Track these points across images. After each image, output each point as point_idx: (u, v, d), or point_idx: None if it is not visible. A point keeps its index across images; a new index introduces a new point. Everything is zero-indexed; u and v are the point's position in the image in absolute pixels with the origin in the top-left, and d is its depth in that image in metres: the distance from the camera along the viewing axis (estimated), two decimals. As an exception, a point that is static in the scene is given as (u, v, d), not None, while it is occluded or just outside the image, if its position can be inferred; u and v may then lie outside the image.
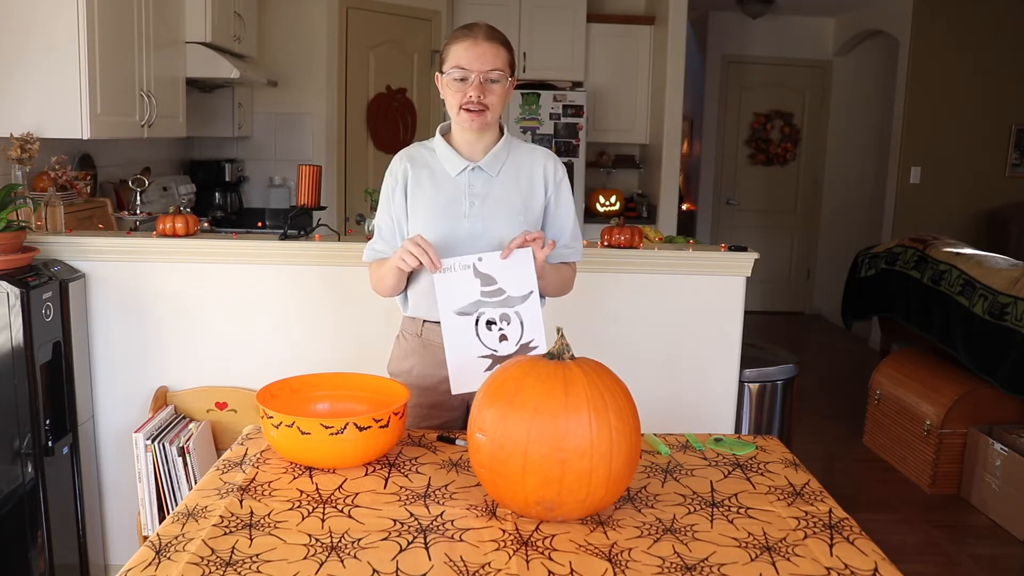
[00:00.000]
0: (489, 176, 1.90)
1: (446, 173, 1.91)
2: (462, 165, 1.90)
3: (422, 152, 1.95)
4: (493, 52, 1.83)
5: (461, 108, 1.84)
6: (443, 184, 1.90)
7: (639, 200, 5.94)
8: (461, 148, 1.92)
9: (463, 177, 1.90)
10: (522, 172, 1.93)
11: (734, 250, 2.73)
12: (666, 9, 5.44)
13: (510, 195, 1.91)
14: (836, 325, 7.09)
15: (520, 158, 1.95)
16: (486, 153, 1.91)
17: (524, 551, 1.33)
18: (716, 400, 2.79)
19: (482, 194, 1.89)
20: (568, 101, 5.56)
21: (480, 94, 1.81)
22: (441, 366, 1.94)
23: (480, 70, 1.81)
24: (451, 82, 1.84)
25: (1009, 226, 5.98)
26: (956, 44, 5.98)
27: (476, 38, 1.82)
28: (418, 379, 1.97)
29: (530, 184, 1.93)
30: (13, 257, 2.33)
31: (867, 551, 1.35)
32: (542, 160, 1.96)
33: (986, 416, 3.77)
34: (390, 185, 1.95)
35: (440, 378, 1.95)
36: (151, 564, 1.27)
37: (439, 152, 1.93)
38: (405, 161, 1.94)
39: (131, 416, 2.72)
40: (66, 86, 2.76)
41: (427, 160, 1.93)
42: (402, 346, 2.02)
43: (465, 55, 1.82)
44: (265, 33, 4.70)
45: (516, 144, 1.97)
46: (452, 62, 1.84)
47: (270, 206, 4.94)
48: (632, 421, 1.44)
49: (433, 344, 1.95)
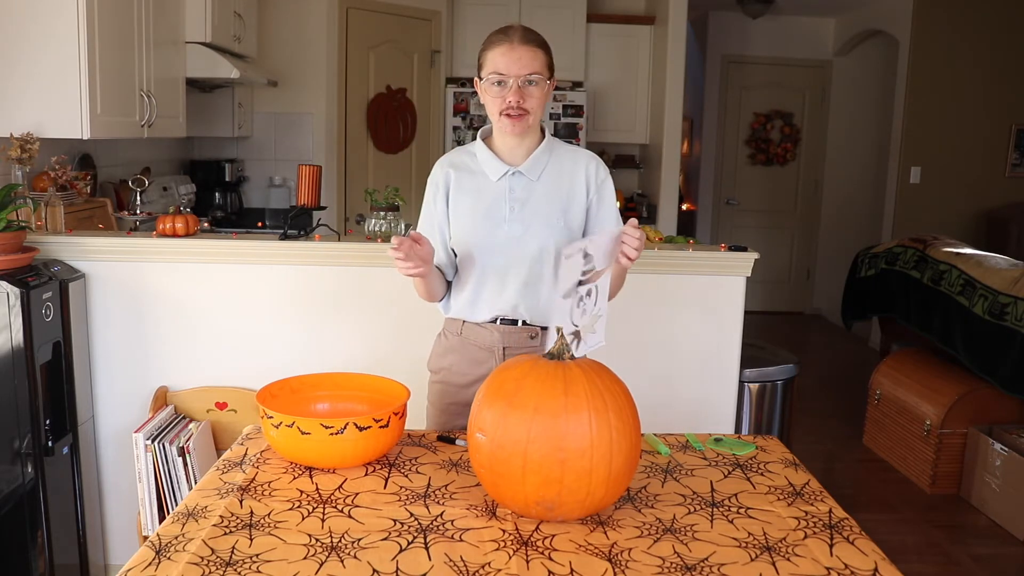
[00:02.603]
0: (530, 180, 1.90)
1: (487, 178, 1.91)
2: (503, 170, 1.89)
3: (463, 157, 1.96)
4: (530, 55, 1.81)
5: (501, 114, 1.83)
6: (484, 189, 1.90)
7: (639, 200, 5.94)
8: (502, 152, 1.91)
9: (504, 182, 1.90)
10: (563, 175, 1.92)
11: (734, 250, 2.73)
12: (666, 9, 5.44)
13: (550, 199, 1.90)
14: (836, 325, 7.09)
15: (562, 161, 1.94)
16: (527, 156, 1.90)
17: (524, 551, 1.33)
18: (716, 400, 2.79)
19: (522, 198, 1.89)
20: (568, 101, 5.56)
21: (519, 99, 1.80)
22: (478, 365, 1.96)
23: (518, 74, 1.80)
24: (489, 87, 1.82)
25: (1009, 226, 5.98)
26: (956, 44, 5.98)
27: (512, 42, 1.81)
28: (455, 376, 1.99)
29: (571, 187, 1.92)
30: (13, 257, 2.33)
31: (867, 551, 1.35)
32: (584, 162, 1.95)
33: (986, 416, 3.77)
34: (431, 193, 1.95)
35: (476, 376, 1.96)
36: (151, 564, 1.27)
37: (480, 157, 1.93)
38: (447, 168, 1.94)
39: (131, 416, 2.72)
40: (66, 86, 2.76)
41: (468, 165, 1.94)
42: (443, 343, 2.04)
43: (502, 60, 1.80)
44: (265, 33, 4.70)
45: (558, 146, 1.96)
46: (490, 67, 1.82)
47: (270, 206, 4.94)
48: (632, 421, 1.44)
49: (471, 343, 1.97)
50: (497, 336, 1.94)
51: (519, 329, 1.93)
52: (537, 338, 1.94)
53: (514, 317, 1.93)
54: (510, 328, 1.93)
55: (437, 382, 2.04)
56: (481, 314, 1.94)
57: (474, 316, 1.95)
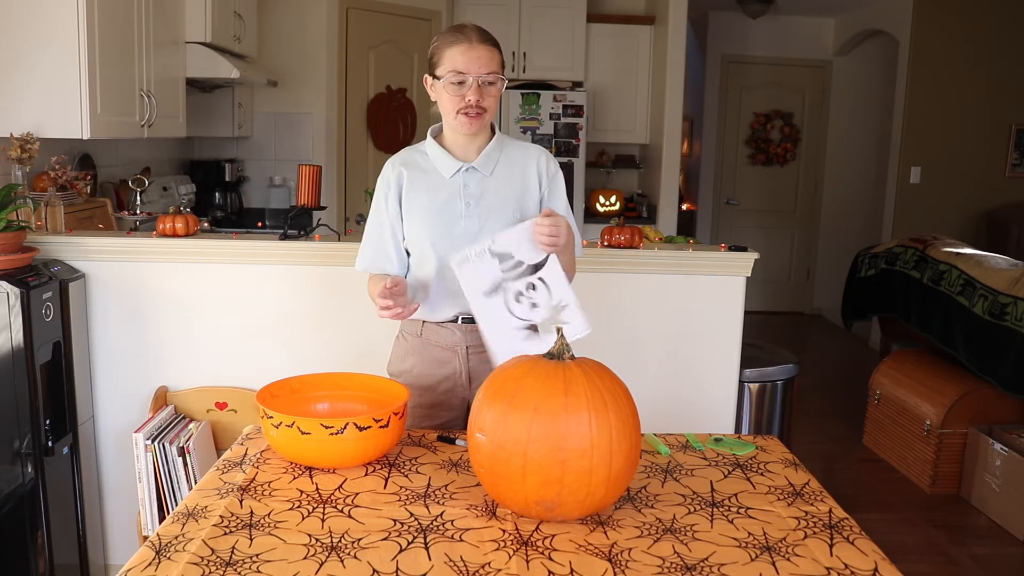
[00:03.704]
0: (483, 176, 1.91)
1: (440, 175, 1.91)
2: (456, 166, 1.90)
3: (414, 156, 1.96)
4: (488, 55, 1.83)
5: (459, 112, 1.83)
6: (438, 186, 1.91)
7: (639, 200, 5.94)
8: (454, 149, 1.92)
9: (458, 178, 1.90)
10: (515, 169, 1.94)
11: (734, 250, 2.73)
12: (666, 9, 5.44)
13: (504, 193, 1.91)
14: (836, 325, 7.09)
15: (513, 156, 1.95)
16: (479, 153, 1.91)
17: (524, 551, 1.33)
18: (716, 400, 2.79)
19: (477, 194, 1.90)
20: (568, 101, 5.56)
21: (479, 98, 1.82)
22: (440, 365, 1.95)
23: (478, 73, 1.81)
24: (448, 86, 1.83)
25: (1009, 226, 5.98)
26: (956, 44, 5.98)
27: (471, 41, 1.82)
28: (418, 378, 1.97)
29: (524, 181, 1.94)
30: (13, 257, 2.33)
31: (867, 551, 1.35)
32: (535, 156, 1.96)
33: (986, 416, 3.77)
34: (382, 191, 1.95)
35: (440, 377, 1.95)
36: (151, 564, 1.27)
37: (431, 154, 1.93)
38: (399, 166, 1.94)
39: (131, 416, 2.72)
40: (66, 86, 2.76)
41: (420, 163, 1.94)
42: (402, 346, 2.03)
43: (462, 59, 1.81)
44: (265, 33, 4.70)
45: (508, 142, 1.98)
46: (448, 66, 1.82)
47: (270, 206, 4.94)
48: (632, 421, 1.44)
49: (432, 344, 1.96)
50: (459, 335, 1.93)
51: None
52: None
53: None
54: (472, 326, 1.90)
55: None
56: (442, 313, 1.93)
57: (434, 316, 1.93)
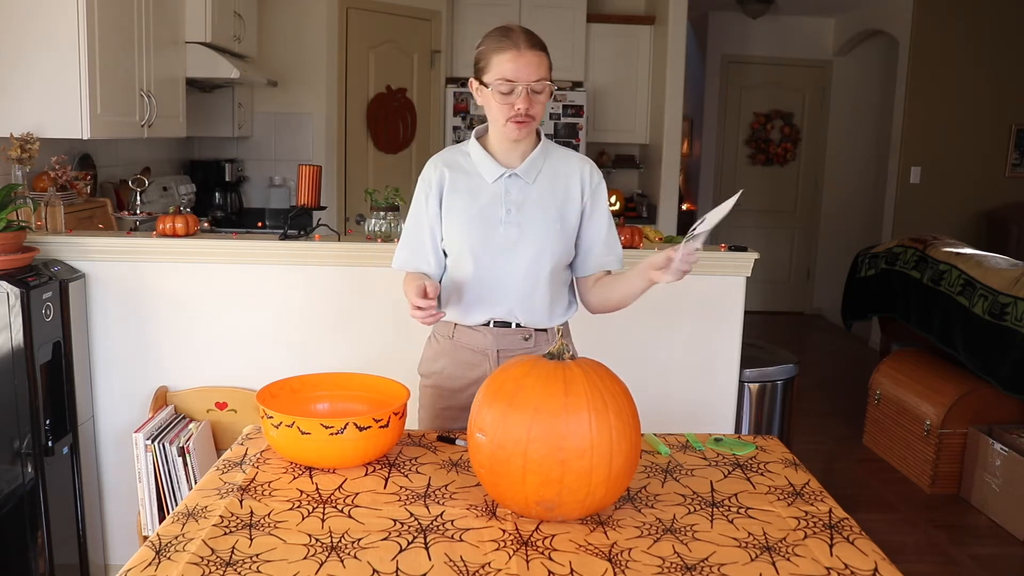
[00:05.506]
0: (526, 183, 1.87)
1: (482, 178, 1.88)
2: (499, 172, 1.87)
3: (456, 156, 1.92)
4: (537, 60, 1.78)
5: (508, 120, 1.80)
6: (479, 190, 1.87)
7: (639, 200, 5.94)
8: (498, 154, 1.88)
9: (500, 184, 1.87)
10: (559, 178, 1.90)
11: (734, 250, 2.73)
12: (666, 9, 5.44)
13: (546, 202, 1.88)
14: (836, 325, 7.08)
15: (557, 164, 1.91)
16: (523, 159, 1.88)
17: (524, 551, 1.33)
18: (716, 400, 2.79)
19: (519, 201, 1.87)
20: (568, 101, 5.56)
21: (528, 105, 1.78)
22: (471, 368, 1.94)
23: (527, 81, 1.77)
24: (496, 94, 1.78)
25: (1009, 226, 5.98)
26: (956, 44, 5.98)
27: (519, 48, 1.77)
28: (448, 380, 1.96)
29: (566, 190, 1.90)
30: (13, 257, 2.33)
31: (867, 551, 1.35)
32: (578, 166, 1.93)
33: (986, 416, 3.77)
34: (423, 191, 1.92)
35: (470, 380, 1.93)
36: (151, 564, 1.27)
37: (475, 157, 1.90)
38: (441, 167, 1.90)
39: (131, 416, 2.72)
40: (66, 86, 2.76)
41: (462, 165, 1.90)
42: (434, 347, 2.01)
43: (511, 66, 1.76)
44: (265, 33, 4.70)
45: (553, 149, 1.94)
46: (496, 73, 1.78)
47: (270, 206, 4.94)
48: (632, 421, 1.44)
49: (464, 346, 1.94)
50: (491, 339, 1.92)
51: (513, 331, 1.91)
52: (531, 339, 1.92)
53: (508, 320, 1.91)
54: (504, 330, 1.91)
55: (429, 386, 2.01)
56: (474, 317, 1.91)
57: (467, 319, 1.92)
